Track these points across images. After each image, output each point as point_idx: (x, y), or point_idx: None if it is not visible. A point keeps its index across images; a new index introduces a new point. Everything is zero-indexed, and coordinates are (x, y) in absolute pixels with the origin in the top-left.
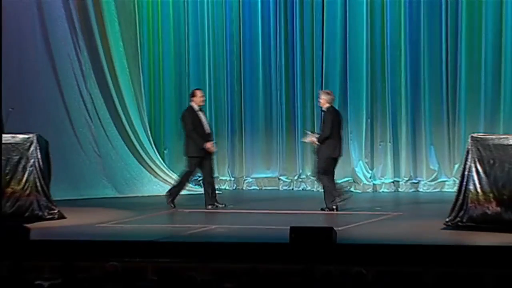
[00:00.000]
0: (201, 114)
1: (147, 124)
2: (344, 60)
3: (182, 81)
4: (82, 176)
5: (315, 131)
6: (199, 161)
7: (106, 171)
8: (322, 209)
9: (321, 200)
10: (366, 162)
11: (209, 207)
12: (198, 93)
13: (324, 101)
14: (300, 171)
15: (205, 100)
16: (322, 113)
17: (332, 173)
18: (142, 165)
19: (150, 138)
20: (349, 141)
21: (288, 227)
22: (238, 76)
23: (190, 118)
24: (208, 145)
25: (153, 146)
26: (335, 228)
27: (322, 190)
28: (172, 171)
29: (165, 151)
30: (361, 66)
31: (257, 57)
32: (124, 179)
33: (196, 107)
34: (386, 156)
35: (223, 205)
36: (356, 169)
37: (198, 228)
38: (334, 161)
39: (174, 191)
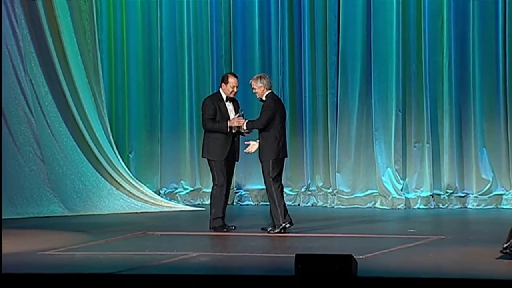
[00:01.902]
0: (229, 106)
1: (106, 120)
2: (368, 33)
3: (152, 62)
4: (20, 188)
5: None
6: (224, 164)
7: (52, 181)
8: (263, 228)
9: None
10: (396, 170)
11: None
12: (232, 80)
13: (261, 88)
14: (309, 181)
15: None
16: (262, 103)
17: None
18: (100, 173)
19: (111, 138)
20: (373, 141)
21: (294, 255)
22: (228, 55)
23: (211, 108)
24: (233, 121)
25: (115, 148)
26: (355, 257)
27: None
28: (139, 180)
29: (130, 155)
30: (390, 41)
31: (252, 31)
32: (76, 192)
33: (223, 95)
34: (423, 161)
35: (232, 227)
36: (383, 179)
37: (174, 256)
38: (282, 163)
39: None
